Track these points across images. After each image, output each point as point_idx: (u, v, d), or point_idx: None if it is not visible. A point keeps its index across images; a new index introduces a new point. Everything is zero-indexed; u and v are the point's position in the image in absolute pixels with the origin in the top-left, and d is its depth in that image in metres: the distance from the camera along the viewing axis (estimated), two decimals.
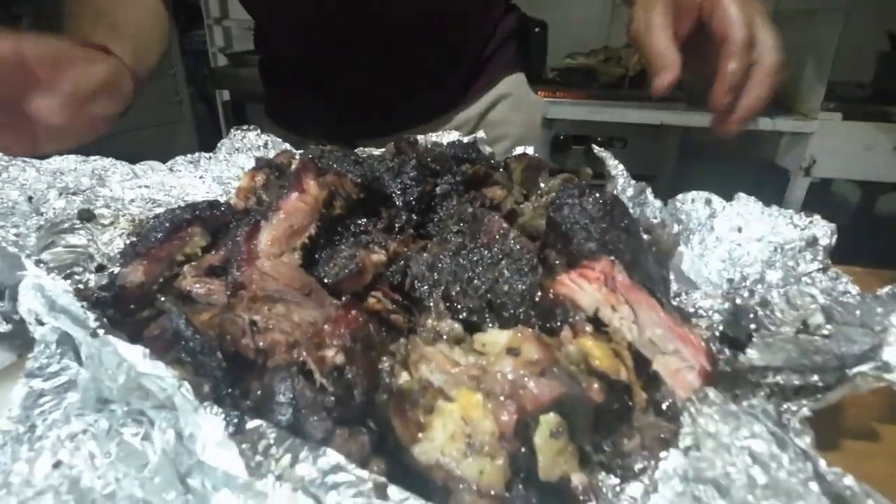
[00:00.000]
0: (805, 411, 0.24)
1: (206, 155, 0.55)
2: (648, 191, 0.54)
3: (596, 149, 0.61)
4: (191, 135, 2.35)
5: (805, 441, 0.23)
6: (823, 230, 0.43)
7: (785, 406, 0.26)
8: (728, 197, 0.49)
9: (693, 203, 0.51)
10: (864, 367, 0.24)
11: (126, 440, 0.22)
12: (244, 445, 0.21)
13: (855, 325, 0.26)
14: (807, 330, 0.27)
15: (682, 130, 1.92)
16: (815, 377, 0.26)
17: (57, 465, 0.21)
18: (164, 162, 0.55)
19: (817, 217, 0.45)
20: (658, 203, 0.53)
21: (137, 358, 0.24)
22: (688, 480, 0.18)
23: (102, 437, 0.22)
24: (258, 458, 0.21)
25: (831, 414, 0.30)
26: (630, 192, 0.56)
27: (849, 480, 0.17)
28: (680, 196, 0.52)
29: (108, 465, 0.21)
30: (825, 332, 0.27)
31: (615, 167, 0.57)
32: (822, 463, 0.18)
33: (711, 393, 0.20)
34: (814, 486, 0.17)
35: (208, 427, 0.21)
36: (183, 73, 2.31)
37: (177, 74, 2.26)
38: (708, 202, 0.50)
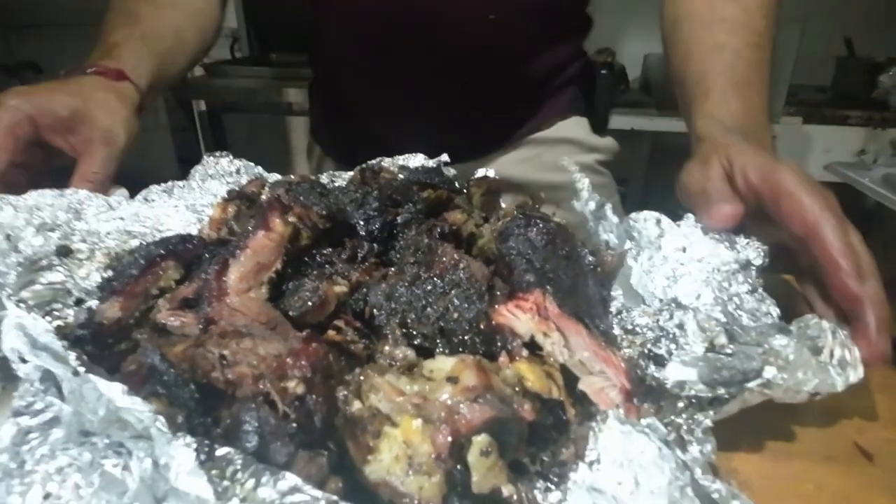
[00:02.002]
0: (708, 422, 0.28)
1: (180, 183, 0.57)
2: (607, 207, 0.57)
3: (564, 160, 0.63)
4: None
5: (707, 448, 0.27)
6: (756, 252, 0.47)
7: (696, 417, 0.30)
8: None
9: (645, 222, 0.55)
10: (752, 384, 0.28)
11: (107, 470, 0.25)
12: (213, 472, 0.24)
13: (752, 345, 0.30)
14: (714, 349, 0.31)
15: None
16: (722, 390, 0.30)
17: (47, 496, 0.24)
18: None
19: (753, 239, 0.49)
20: (615, 219, 0.57)
21: (116, 393, 0.26)
22: (590, 490, 0.22)
23: (86, 468, 0.25)
24: (225, 483, 0.23)
25: (753, 417, 0.34)
26: (592, 206, 0.59)
27: (717, 485, 0.21)
28: (633, 214, 0.56)
29: (93, 494, 0.24)
30: (728, 350, 0.31)
31: (580, 181, 0.60)
32: (698, 471, 0.21)
33: (612, 414, 0.24)
34: (689, 491, 0.21)
35: (181, 457, 0.24)
36: None
37: None
38: (658, 222, 0.54)
